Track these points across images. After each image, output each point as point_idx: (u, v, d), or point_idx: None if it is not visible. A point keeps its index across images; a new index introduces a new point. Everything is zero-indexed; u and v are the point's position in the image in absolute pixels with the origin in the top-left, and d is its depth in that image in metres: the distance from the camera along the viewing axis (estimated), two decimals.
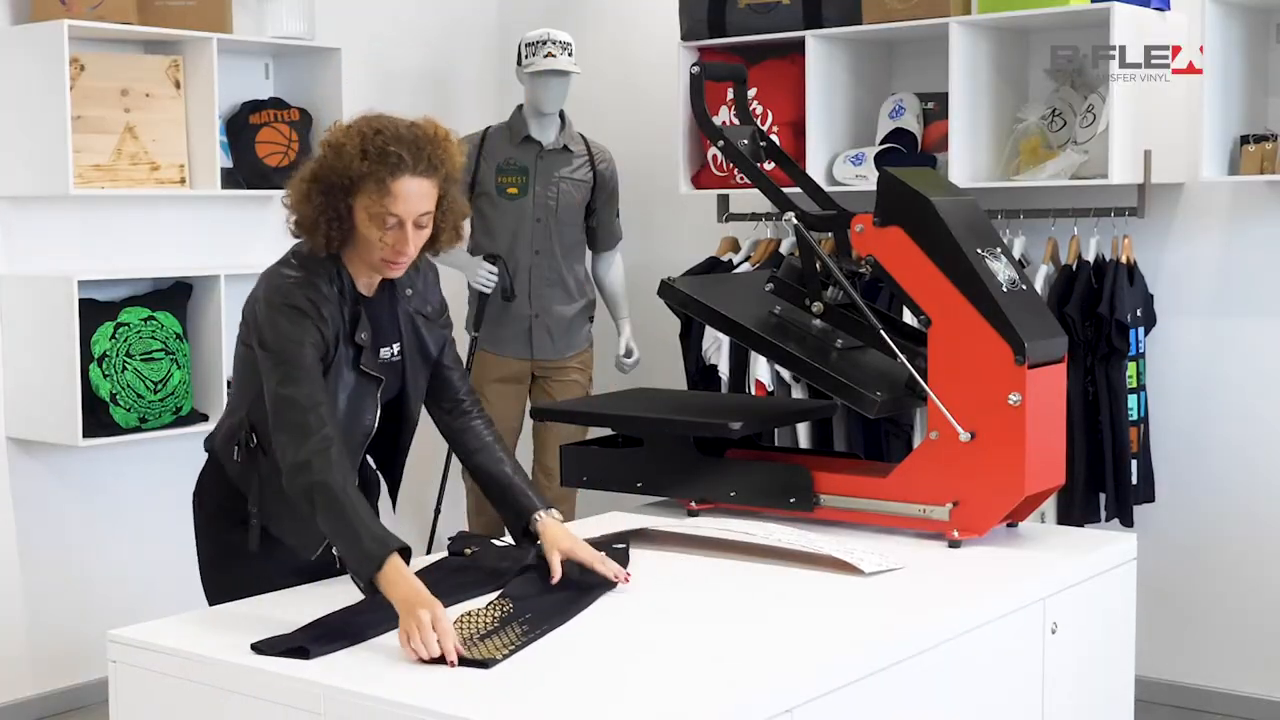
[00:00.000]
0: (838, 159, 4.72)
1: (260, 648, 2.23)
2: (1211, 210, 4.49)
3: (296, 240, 2.59)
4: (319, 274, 2.53)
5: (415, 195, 2.47)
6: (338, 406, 2.54)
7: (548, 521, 2.65)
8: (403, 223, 2.48)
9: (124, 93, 4.54)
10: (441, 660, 2.16)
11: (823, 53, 4.69)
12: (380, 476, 2.86)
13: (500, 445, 2.78)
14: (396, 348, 2.66)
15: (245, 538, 2.65)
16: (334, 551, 2.56)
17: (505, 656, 2.19)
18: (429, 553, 2.85)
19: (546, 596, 2.50)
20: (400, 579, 2.28)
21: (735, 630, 2.36)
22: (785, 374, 4.60)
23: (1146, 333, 4.42)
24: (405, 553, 2.34)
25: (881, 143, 4.71)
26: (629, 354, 5.03)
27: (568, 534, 2.64)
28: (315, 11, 5.01)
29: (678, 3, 4.95)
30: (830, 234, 3.13)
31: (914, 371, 2.88)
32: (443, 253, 2.70)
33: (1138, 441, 4.34)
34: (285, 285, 2.51)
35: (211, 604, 2.67)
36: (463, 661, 2.16)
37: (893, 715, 2.29)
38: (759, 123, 4.49)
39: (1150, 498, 4.40)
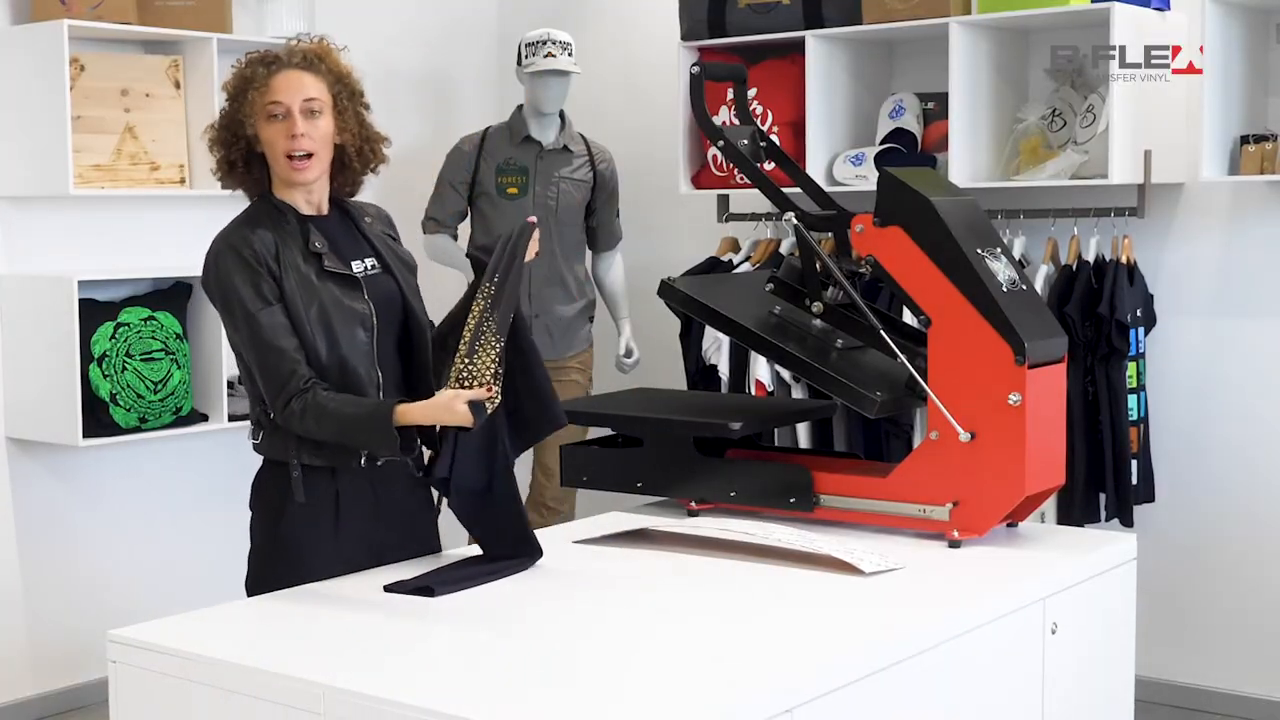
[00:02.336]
0: (838, 159, 4.72)
1: (391, 588, 2.51)
2: (1211, 210, 4.49)
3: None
4: (254, 212, 2.74)
5: (295, 84, 2.70)
6: (326, 316, 2.67)
7: None
8: (290, 110, 2.68)
9: (124, 93, 4.54)
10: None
11: (823, 53, 4.69)
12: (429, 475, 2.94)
13: None
14: (371, 262, 2.80)
15: (293, 522, 2.71)
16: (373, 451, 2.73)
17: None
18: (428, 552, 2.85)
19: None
20: (414, 413, 2.58)
21: (735, 630, 2.36)
22: (785, 374, 4.60)
23: (1146, 333, 4.42)
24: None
25: (881, 143, 4.71)
26: (629, 354, 5.03)
27: None
28: (315, 11, 5.01)
29: (678, 3, 4.95)
30: (830, 234, 3.13)
31: (914, 371, 2.88)
32: (362, 176, 2.84)
33: (1138, 441, 4.34)
34: (217, 236, 2.73)
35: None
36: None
37: (893, 715, 2.29)
38: (759, 123, 4.49)
39: (1150, 498, 4.41)
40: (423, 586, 2.52)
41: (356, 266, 2.77)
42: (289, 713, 2.11)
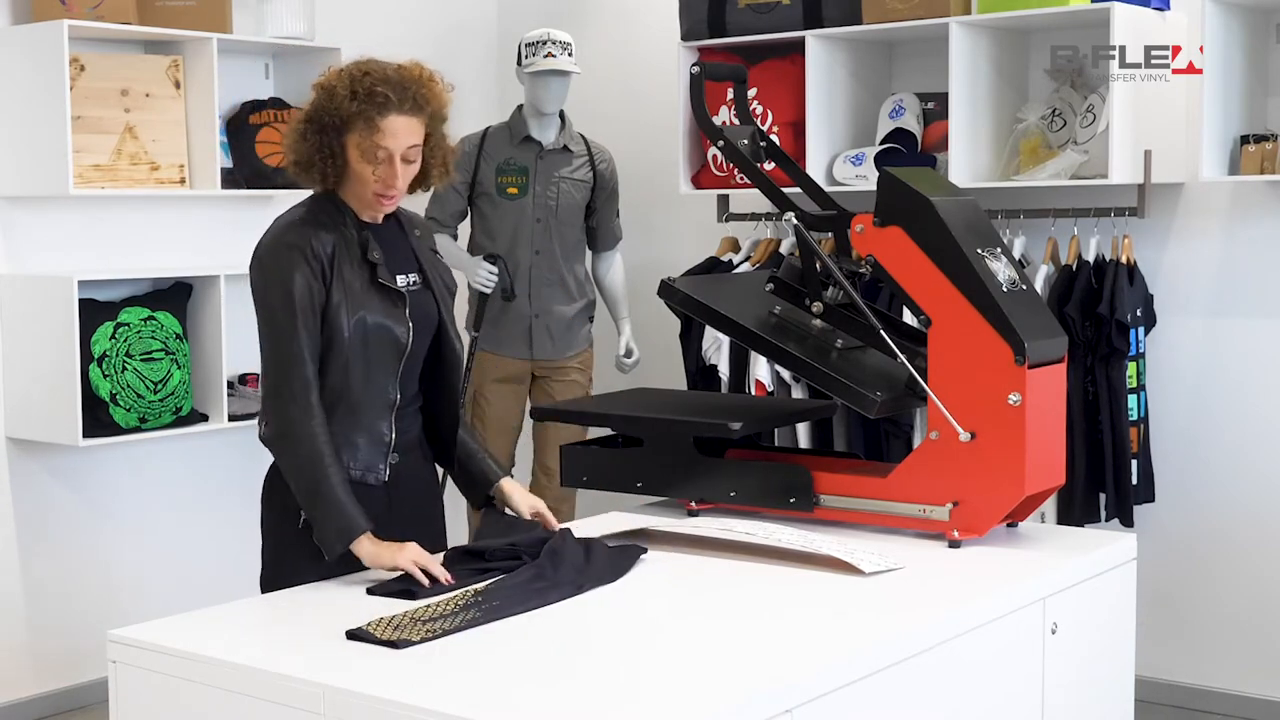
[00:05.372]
0: (838, 159, 4.72)
1: (373, 590, 2.52)
2: (1211, 210, 4.49)
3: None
4: (317, 210, 2.73)
5: (403, 131, 2.67)
6: (364, 328, 2.68)
7: (510, 484, 2.93)
8: (392, 157, 2.68)
9: (124, 93, 4.54)
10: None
11: (823, 53, 4.69)
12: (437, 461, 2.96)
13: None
14: (415, 277, 2.80)
15: (303, 524, 2.69)
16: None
17: (425, 639, 2.25)
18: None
19: (522, 590, 2.52)
20: (373, 548, 2.57)
21: (735, 630, 2.36)
22: (785, 374, 4.60)
23: (1146, 333, 4.42)
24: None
25: (881, 143, 4.71)
26: (629, 354, 5.03)
27: (526, 493, 2.93)
28: (315, 11, 5.01)
29: (678, 3, 4.95)
30: (830, 234, 3.13)
31: (914, 371, 2.88)
32: (435, 188, 2.87)
33: (1138, 441, 4.34)
34: (278, 226, 2.72)
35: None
36: (378, 642, 2.24)
37: (893, 715, 2.29)
38: (759, 123, 4.49)
39: (1150, 498, 4.40)
40: (405, 590, 2.50)
41: (401, 280, 2.77)
42: (289, 713, 2.11)
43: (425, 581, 2.51)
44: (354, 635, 2.28)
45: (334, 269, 2.66)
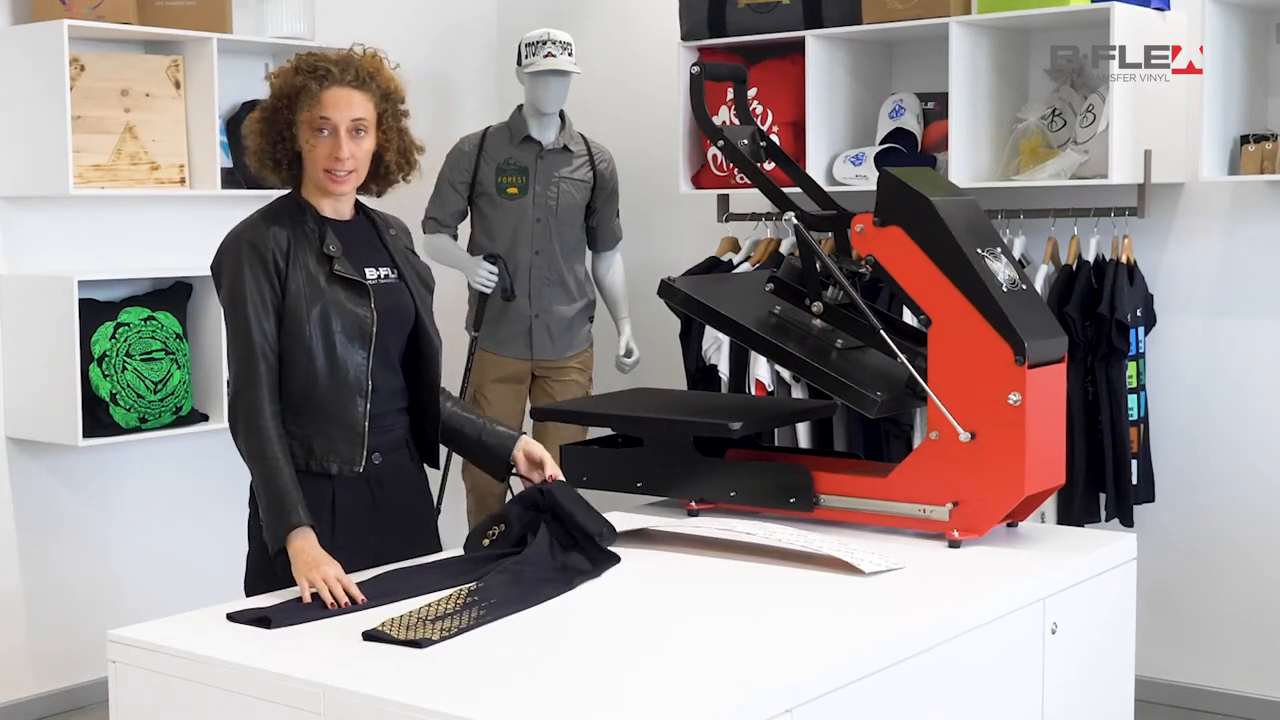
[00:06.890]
0: (838, 159, 4.72)
1: (233, 616, 2.40)
2: (1211, 210, 4.49)
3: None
4: (276, 208, 2.78)
5: (344, 103, 2.71)
6: (326, 320, 2.69)
7: (528, 440, 2.93)
8: (336, 129, 2.70)
9: (124, 93, 4.54)
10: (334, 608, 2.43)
11: (823, 53, 4.69)
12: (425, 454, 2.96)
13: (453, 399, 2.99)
14: (387, 271, 2.81)
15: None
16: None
17: (443, 638, 2.25)
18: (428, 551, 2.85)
19: (515, 586, 2.53)
20: (302, 545, 2.53)
21: (735, 630, 2.36)
22: (785, 374, 4.60)
23: (1146, 333, 4.42)
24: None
25: (881, 143, 4.71)
26: (629, 354, 5.03)
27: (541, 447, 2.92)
28: (315, 11, 5.01)
29: (678, 3, 4.96)
30: (830, 234, 3.13)
31: (914, 371, 2.88)
32: (395, 183, 2.88)
33: (1138, 441, 4.34)
34: (236, 226, 2.79)
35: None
36: (397, 642, 2.25)
37: (893, 715, 2.29)
38: (759, 123, 4.49)
39: (1150, 498, 4.41)
40: (261, 618, 2.39)
41: (370, 274, 2.78)
42: (289, 713, 2.11)
43: (330, 601, 2.43)
44: (370, 636, 2.28)
45: (290, 261, 2.69)
